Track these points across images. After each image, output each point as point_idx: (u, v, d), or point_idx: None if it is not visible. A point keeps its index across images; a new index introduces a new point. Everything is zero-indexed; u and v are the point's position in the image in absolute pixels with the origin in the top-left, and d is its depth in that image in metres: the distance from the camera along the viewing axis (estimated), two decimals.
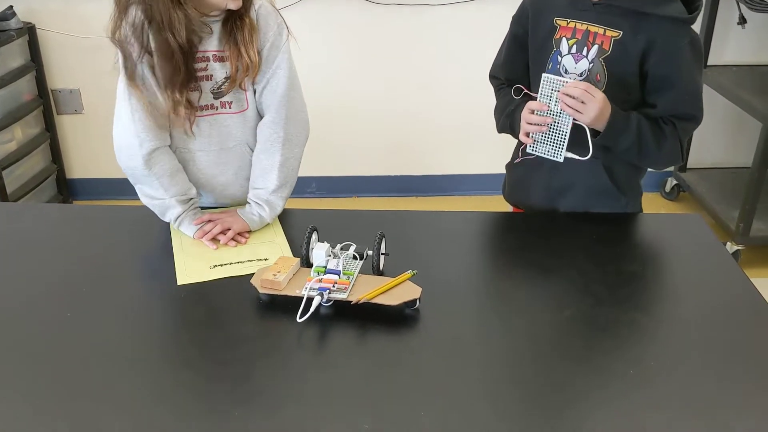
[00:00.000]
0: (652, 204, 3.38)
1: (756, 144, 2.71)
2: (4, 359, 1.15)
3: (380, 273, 1.33)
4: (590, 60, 1.51)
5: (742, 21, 2.93)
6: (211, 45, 1.50)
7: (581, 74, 1.52)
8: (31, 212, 1.73)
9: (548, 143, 1.51)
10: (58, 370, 1.13)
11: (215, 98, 1.54)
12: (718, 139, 3.34)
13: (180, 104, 1.47)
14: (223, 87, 1.52)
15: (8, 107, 2.88)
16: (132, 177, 1.55)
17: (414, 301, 1.24)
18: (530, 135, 1.52)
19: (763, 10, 2.75)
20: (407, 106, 3.21)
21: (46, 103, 3.08)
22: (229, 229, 1.51)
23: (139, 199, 1.57)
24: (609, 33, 1.49)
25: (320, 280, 1.25)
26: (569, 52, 1.53)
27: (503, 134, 1.67)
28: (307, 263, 1.33)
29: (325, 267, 1.28)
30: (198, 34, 1.45)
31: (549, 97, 1.47)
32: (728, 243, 2.84)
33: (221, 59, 1.50)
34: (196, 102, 1.51)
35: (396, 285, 1.26)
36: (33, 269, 1.40)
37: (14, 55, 2.92)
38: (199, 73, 1.49)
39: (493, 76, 1.73)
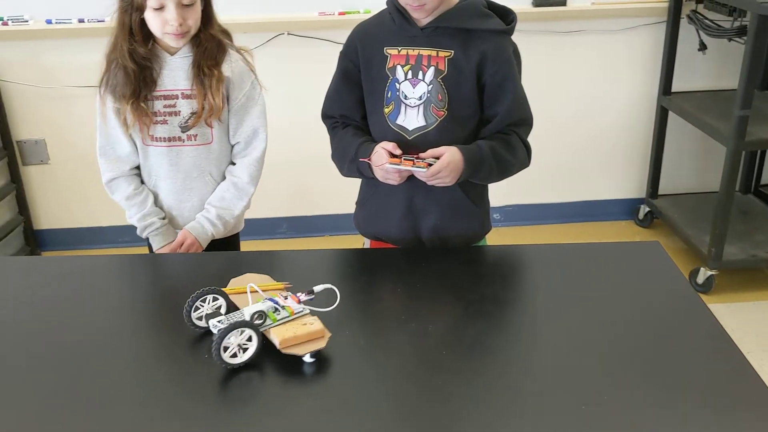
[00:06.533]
0: (626, 232, 3.37)
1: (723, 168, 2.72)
2: None
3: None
4: (428, 82, 1.54)
5: (703, 47, 2.96)
6: (180, 84, 1.74)
7: (420, 97, 1.55)
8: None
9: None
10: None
11: (182, 131, 1.77)
12: (687, 164, 3.36)
13: (137, 111, 1.71)
14: (189, 122, 1.76)
15: None
16: None
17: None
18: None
19: (720, 36, 2.78)
20: None
21: (11, 155, 3.05)
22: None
23: (106, 249, 1.63)
24: (441, 54, 1.54)
25: None
26: (405, 78, 1.57)
27: None
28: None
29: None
30: (151, 64, 1.72)
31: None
32: (702, 268, 2.82)
33: (188, 97, 1.74)
34: (150, 110, 1.74)
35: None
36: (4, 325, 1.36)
37: None
38: (168, 109, 1.74)
39: (326, 116, 1.72)
